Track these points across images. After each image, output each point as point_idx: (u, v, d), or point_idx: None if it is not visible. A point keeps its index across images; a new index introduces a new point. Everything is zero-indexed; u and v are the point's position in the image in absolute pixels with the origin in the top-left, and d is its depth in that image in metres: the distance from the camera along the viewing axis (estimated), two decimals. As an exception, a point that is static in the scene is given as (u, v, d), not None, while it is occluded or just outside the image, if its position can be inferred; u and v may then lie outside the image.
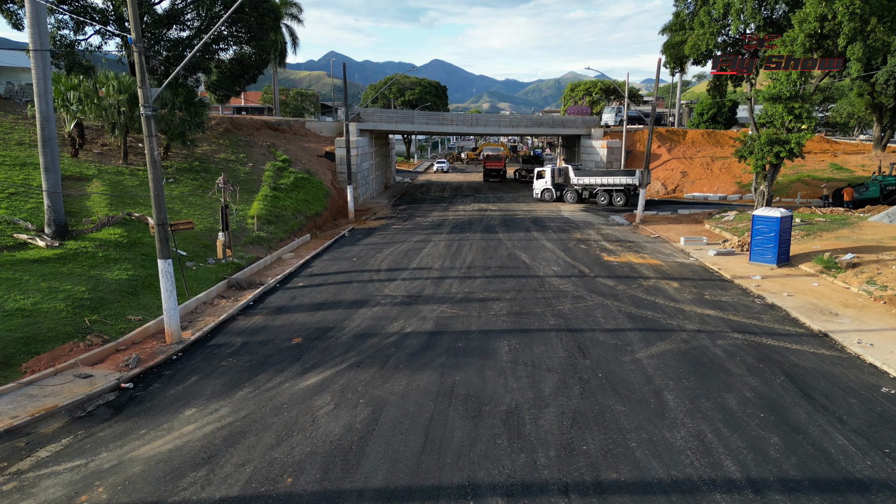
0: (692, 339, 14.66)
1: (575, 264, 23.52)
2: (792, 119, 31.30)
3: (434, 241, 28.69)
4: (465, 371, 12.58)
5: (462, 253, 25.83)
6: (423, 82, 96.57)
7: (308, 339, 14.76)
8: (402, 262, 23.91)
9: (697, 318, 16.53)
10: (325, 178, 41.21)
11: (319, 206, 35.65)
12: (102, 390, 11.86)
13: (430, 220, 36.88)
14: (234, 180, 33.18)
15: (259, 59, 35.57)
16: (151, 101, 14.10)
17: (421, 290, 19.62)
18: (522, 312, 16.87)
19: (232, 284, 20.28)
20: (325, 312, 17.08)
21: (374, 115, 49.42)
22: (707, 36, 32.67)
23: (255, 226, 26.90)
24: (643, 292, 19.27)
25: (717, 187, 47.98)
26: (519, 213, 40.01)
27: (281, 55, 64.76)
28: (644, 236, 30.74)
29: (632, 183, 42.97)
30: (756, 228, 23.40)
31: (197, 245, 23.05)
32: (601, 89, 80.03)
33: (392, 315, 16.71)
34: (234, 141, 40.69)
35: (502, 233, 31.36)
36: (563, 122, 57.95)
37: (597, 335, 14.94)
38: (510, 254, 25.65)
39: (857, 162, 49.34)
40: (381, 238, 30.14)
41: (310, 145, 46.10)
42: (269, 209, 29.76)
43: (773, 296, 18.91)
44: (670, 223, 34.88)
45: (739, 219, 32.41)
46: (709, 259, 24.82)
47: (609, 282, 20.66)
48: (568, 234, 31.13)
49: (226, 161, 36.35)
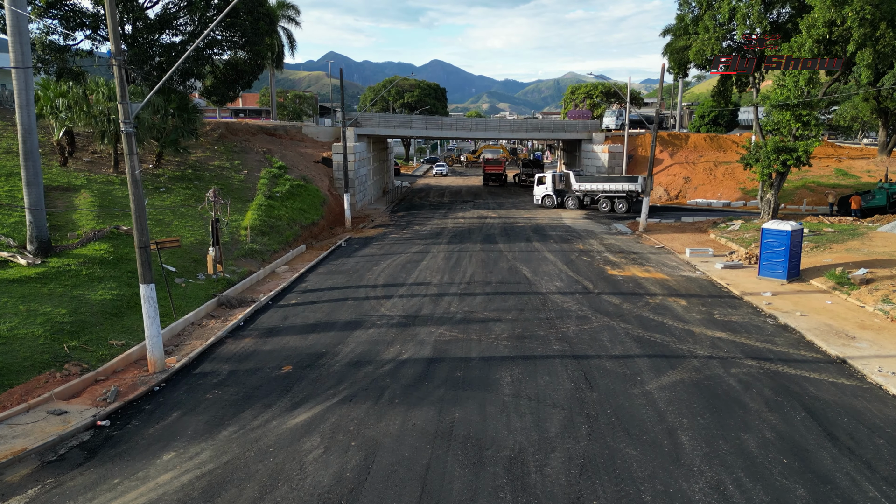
0: (704, 368, 13.88)
1: (578, 279, 22.75)
2: (800, 126, 30.58)
3: (433, 253, 27.92)
4: (465, 406, 11.81)
5: (461, 266, 25.06)
6: (422, 84, 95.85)
7: (299, 368, 13.98)
8: (400, 277, 23.14)
9: (708, 341, 15.76)
10: (322, 185, 40.44)
11: (316, 214, 34.87)
12: (77, 429, 11.08)
13: (429, 228, 36.11)
14: (228, 189, 32.42)
15: (254, 65, 34.78)
16: (133, 115, 13.33)
17: (419, 308, 18.84)
18: (525, 336, 16.09)
19: (222, 302, 19.50)
20: (317, 335, 16.30)
21: (373, 119, 48.66)
22: (712, 41, 31.91)
23: (248, 237, 26.12)
24: (650, 311, 18.49)
25: (720, 193, 47.22)
26: (519, 220, 39.24)
27: (278, 58, 63.94)
28: (648, 247, 29.97)
29: (634, 189, 42.22)
30: (765, 242, 22.62)
31: (187, 260, 22.28)
32: (602, 92, 79.29)
33: (388, 339, 15.93)
34: (229, 147, 39.90)
35: (503, 243, 30.59)
36: (563, 126, 57.20)
37: (604, 363, 14.17)
38: (511, 267, 24.88)
39: (863, 168, 48.60)
40: (379, 249, 29.37)
41: (306, 151, 45.31)
42: (263, 219, 28.98)
43: (786, 315, 18.15)
44: (674, 232, 34.11)
45: (745, 228, 31.66)
46: (716, 273, 24.05)
47: (614, 299, 19.88)
48: (570, 244, 30.36)
49: (220, 168, 35.57)
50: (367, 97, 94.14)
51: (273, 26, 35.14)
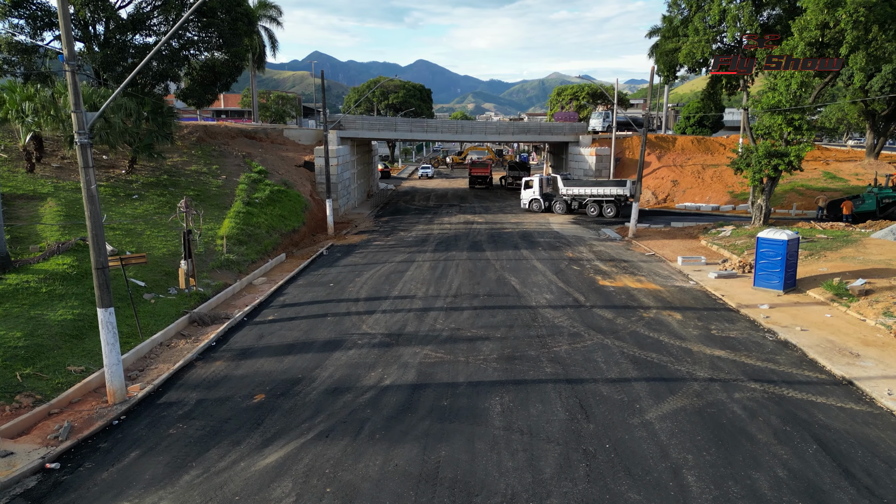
0: (706, 392, 13.06)
1: (569, 291, 21.91)
2: (791, 131, 30.00)
3: (418, 262, 26.95)
4: (452, 442, 10.87)
5: (448, 277, 24.12)
6: (407, 85, 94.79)
7: (272, 396, 12.96)
8: (383, 289, 22.15)
9: (708, 361, 14.95)
10: (304, 190, 39.32)
11: (297, 221, 33.75)
12: (22, 474, 9.99)
13: (414, 234, 35.14)
14: (205, 195, 31.25)
15: (232, 66, 33.58)
16: (89, 124, 12.24)
17: (403, 325, 17.88)
18: (515, 356, 15.19)
19: (194, 320, 18.40)
20: (294, 357, 15.28)
21: (356, 122, 47.58)
22: (702, 43, 31.26)
23: (224, 247, 24.98)
24: (645, 327, 17.68)
25: (709, 197, 46.72)
26: (507, 226, 38.39)
27: (259, 58, 62.65)
28: (639, 254, 29.23)
29: (622, 193, 41.55)
30: (761, 252, 21.93)
31: (158, 273, 21.13)
32: (588, 94, 78.73)
33: (369, 361, 14.95)
34: (208, 151, 38.66)
35: (490, 251, 29.69)
36: (550, 128, 56.48)
37: (599, 387, 13.29)
38: (499, 277, 23.99)
39: (851, 170, 48.36)
40: (362, 257, 28.35)
41: (288, 154, 44.15)
42: (241, 227, 27.84)
43: (785, 330, 17.42)
44: (664, 238, 33.43)
45: (737, 235, 31.04)
46: (710, 283, 23.34)
47: (607, 313, 19.05)
48: (559, 251, 29.53)
49: (197, 173, 34.35)
50: (351, 98, 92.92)
51: (252, 26, 33.99)
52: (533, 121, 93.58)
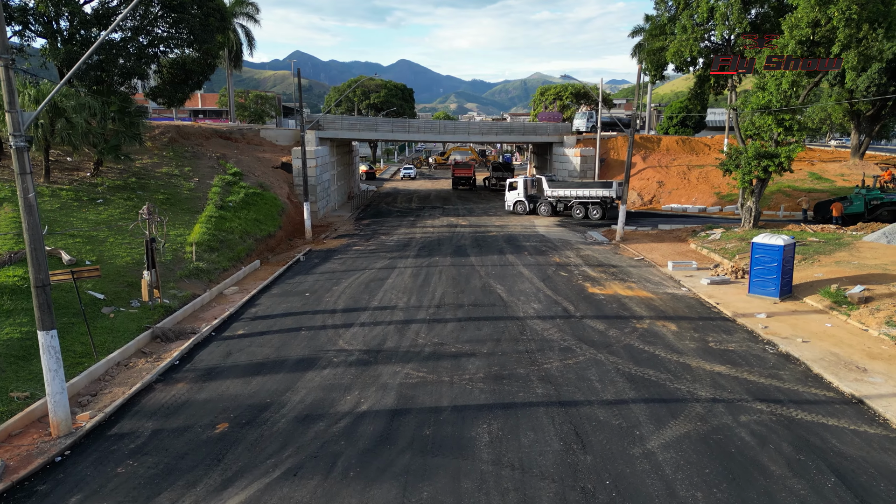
0: (710, 415, 12.07)
1: (557, 299, 20.89)
2: (782, 132, 29.32)
3: (399, 269, 25.79)
4: (435, 480, 9.74)
5: (430, 284, 22.99)
6: (388, 85, 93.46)
7: (236, 425, 11.73)
8: (362, 299, 20.96)
9: (708, 378, 13.99)
10: (281, 192, 37.95)
11: (273, 225, 32.40)
12: (-59, 527, 8.70)
13: (396, 238, 33.95)
14: (176, 199, 29.80)
15: (204, 64, 32.12)
16: (26, 125, 10.93)
17: (382, 340, 16.71)
18: (503, 375, 14.10)
19: (157, 335, 17.08)
20: (263, 378, 14.05)
21: (335, 122, 46.26)
22: (690, 42, 30.48)
23: (193, 255, 23.61)
24: (639, 339, 16.70)
25: (695, 198, 46.10)
26: (491, 229, 37.35)
27: (236, 56, 61.00)
28: (627, 259, 28.34)
29: (609, 195, 40.74)
30: (756, 258, 21.08)
31: (120, 283, 19.74)
32: (572, 93, 78.06)
33: (345, 382, 13.77)
34: (180, 152, 37.13)
35: (474, 256, 28.61)
36: (534, 129, 55.59)
37: (595, 411, 12.25)
38: (484, 285, 22.90)
39: (836, 171, 48.04)
40: (341, 264, 27.11)
41: (264, 155, 42.71)
42: (212, 233, 26.46)
43: (786, 342, 16.54)
44: (652, 241, 32.60)
45: (727, 238, 30.28)
46: (702, 289, 22.46)
47: (599, 324, 18.05)
48: (546, 256, 28.54)
49: (168, 176, 32.85)
50: (331, 98, 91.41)
51: (225, 23, 32.56)
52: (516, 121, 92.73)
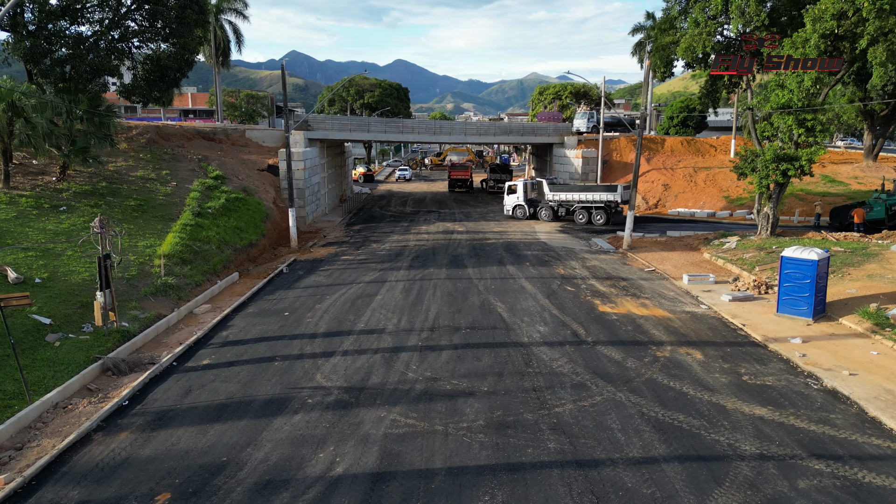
0: (761, 480, 9.92)
1: (565, 320, 18.71)
2: (803, 132, 27.22)
3: (390, 283, 23.59)
4: (424, 585, 7.56)
5: (424, 302, 20.80)
6: (383, 84, 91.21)
7: (181, 496, 9.52)
8: (347, 320, 18.75)
9: (750, 426, 11.83)
10: (267, 197, 35.72)
11: (255, 233, 30.15)
12: None
13: (388, 247, 31.75)
14: (150, 205, 27.56)
15: (181, 59, 29.84)
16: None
17: (366, 374, 14.52)
18: (507, 423, 11.92)
19: (108, 368, 14.87)
20: (222, 427, 11.84)
21: (325, 122, 44.02)
22: (703, 36, 28.36)
23: (162, 269, 21.35)
24: (662, 372, 14.54)
25: (703, 202, 43.99)
26: (489, 236, 35.16)
27: (224, 54, 58.72)
28: (637, 270, 26.19)
29: (613, 199, 38.65)
30: (786, 273, 18.94)
31: (72, 305, 17.52)
32: (571, 93, 75.97)
33: (319, 433, 11.57)
34: (158, 154, 34.86)
35: (472, 267, 26.43)
36: (533, 129, 53.45)
37: (620, 474, 10.08)
38: (483, 303, 20.72)
39: (849, 173, 45.99)
40: (326, 276, 24.90)
41: (250, 157, 40.45)
42: (186, 243, 24.22)
43: (831, 375, 14.40)
44: (662, 250, 30.47)
45: (743, 247, 28.14)
46: (724, 307, 20.31)
47: (614, 352, 15.89)
48: (549, 267, 26.38)
49: (143, 180, 30.58)
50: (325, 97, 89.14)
51: (204, 16, 30.31)
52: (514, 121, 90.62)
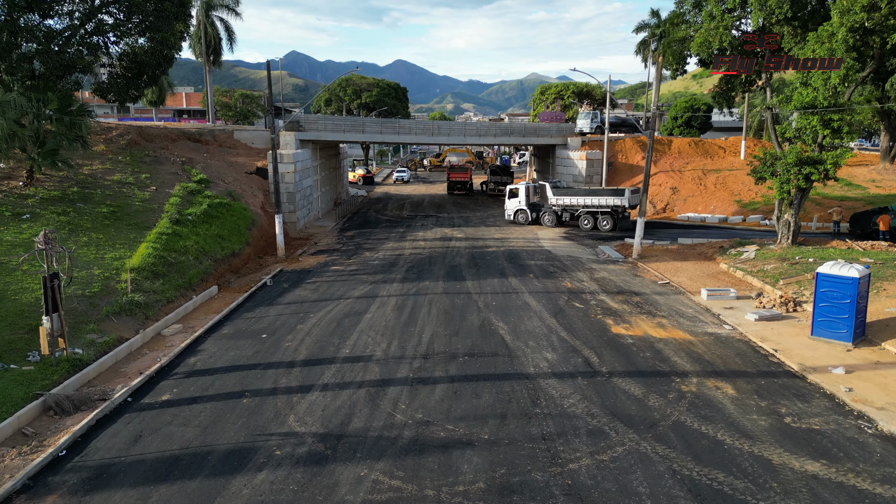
0: (830, 571, 7.92)
1: (575, 345, 16.72)
2: (829, 134, 25.24)
3: (381, 298, 21.60)
4: None
5: (417, 322, 18.80)
6: (381, 83, 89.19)
7: None
8: (330, 345, 16.76)
9: (805, 488, 9.83)
10: (254, 202, 33.74)
11: (238, 241, 28.15)
12: None
13: (381, 255, 29.76)
14: (124, 212, 25.58)
15: (159, 55, 27.84)
16: None
17: (348, 415, 12.52)
18: (512, 486, 9.92)
19: (50, 406, 12.88)
20: (169, 490, 9.84)
21: (318, 122, 42.03)
22: (720, 31, 26.38)
23: (129, 284, 19.34)
24: (691, 412, 12.55)
25: (713, 206, 41.97)
26: (490, 243, 33.17)
27: (215, 52, 56.81)
28: (650, 283, 24.20)
29: (620, 204, 36.63)
30: (822, 292, 16.94)
31: (19, 329, 15.54)
32: (573, 92, 73.98)
33: (285, 499, 9.57)
34: (139, 157, 32.86)
35: (471, 280, 24.45)
36: (535, 130, 51.46)
37: (654, 562, 8.09)
38: (483, 322, 18.72)
39: (866, 176, 44.01)
40: (313, 290, 22.92)
41: (237, 160, 38.47)
42: (160, 254, 22.23)
43: (885, 416, 12.40)
44: (674, 259, 28.47)
45: (763, 257, 26.14)
46: (751, 328, 18.32)
47: (633, 386, 13.89)
48: (555, 280, 24.39)
49: (119, 184, 28.59)
50: (321, 97, 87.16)
51: (185, 8, 28.29)
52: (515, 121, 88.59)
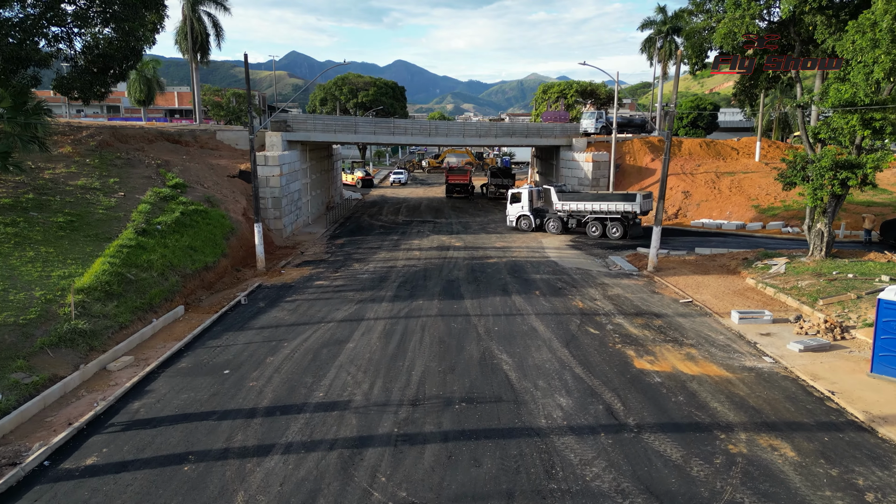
0: None
1: (594, 385, 14.07)
2: (869, 134, 22.61)
3: (367, 322, 18.96)
4: None
5: (407, 354, 16.15)
6: (378, 82, 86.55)
7: None
8: (302, 385, 14.11)
9: None
10: (235, 208, 31.08)
11: (213, 253, 25.50)
12: None
13: (372, 268, 27.13)
14: (83, 221, 22.95)
15: (126, 48, 25.23)
16: None
17: (311, 494, 9.86)
18: None
19: (-61, 476, 10.23)
20: None
21: (307, 122, 39.40)
22: (746, 20, 23.76)
23: (72, 309, 16.68)
24: (746, 488, 9.90)
25: (729, 212, 39.34)
26: (491, 253, 30.52)
27: (202, 49, 54.16)
28: (670, 301, 21.56)
29: (631, 210, 34.01)
30: (884, 322, 14.30)
31: (-76, 369, 12.88)
32: (577, 91, 71.33)
33: None
34: (109, 159, 30.19)
35: (470, 298, 21.81)
36: (538, 130, 48.82)
37: None
38: (484, 355, 16.08)
39: (890, 179, 41.36)
40: (291, 311, 20.28)
41: (220, 162, 35.81)
42: (118, 271, 19.58)
43: None
44: (695, 272, 25.85)
45: (796, 272, 23.49)
46: (797, 362, 15.68)
47: (669, 447, 11.24)
48: (564, 298, 21.75)
49: (83, 190, 25.93)
50: (316, 96, 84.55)
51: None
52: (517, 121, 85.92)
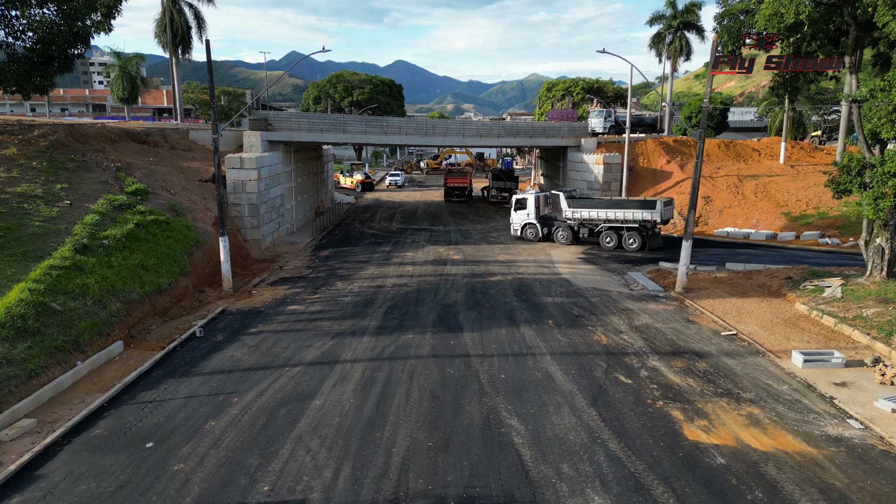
0: None
1: (636, 472, 10.43)
2: (945, 134, 18.98)
3: (342, 366, 15.32)
4: None
5: (388, 419, 12.51)
6: (374, 80, 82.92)
7: None
8: (242, 473, 10.47)
9: None
10: (205, 217, 27.44)
11: (170, 272, 21.85)
12: None
13: (357, 287, 23.52)
14: (13, 236, 19.34)
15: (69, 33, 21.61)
16: None
17: None
18: None
19: None
20: None
21: (290, 121, 35.77)
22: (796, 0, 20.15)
23: (-37, 356, 13.07)
24: None
25: (756, 219, 35.70)
26: (494, 269, 26.89)
27: (183, 42, 50.56)
28: (710, 333, 17.94)
29: (650, 219, 30.37)
30: None
31: None
32: (583, 88, 67.72)
33: None
34: (60, 162, 26.55)
35: (470, 330, 18.18)
36: (544, 130, 45.16)
37: None
38: (488, 419, 12.45)
39: (931, 184, 37.68)
40: (252, 348, 16.66)
41: (191, 165, 32.17)
42: (39, 300, 15.96)
43: None
44: (730, 294, 22.22)
45: (855, 296, 19.83)
46: (893, 427, 12.07)
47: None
48: (583, 330, 18.13)
49: (21, 198, 22.30)
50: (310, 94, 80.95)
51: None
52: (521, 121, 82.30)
